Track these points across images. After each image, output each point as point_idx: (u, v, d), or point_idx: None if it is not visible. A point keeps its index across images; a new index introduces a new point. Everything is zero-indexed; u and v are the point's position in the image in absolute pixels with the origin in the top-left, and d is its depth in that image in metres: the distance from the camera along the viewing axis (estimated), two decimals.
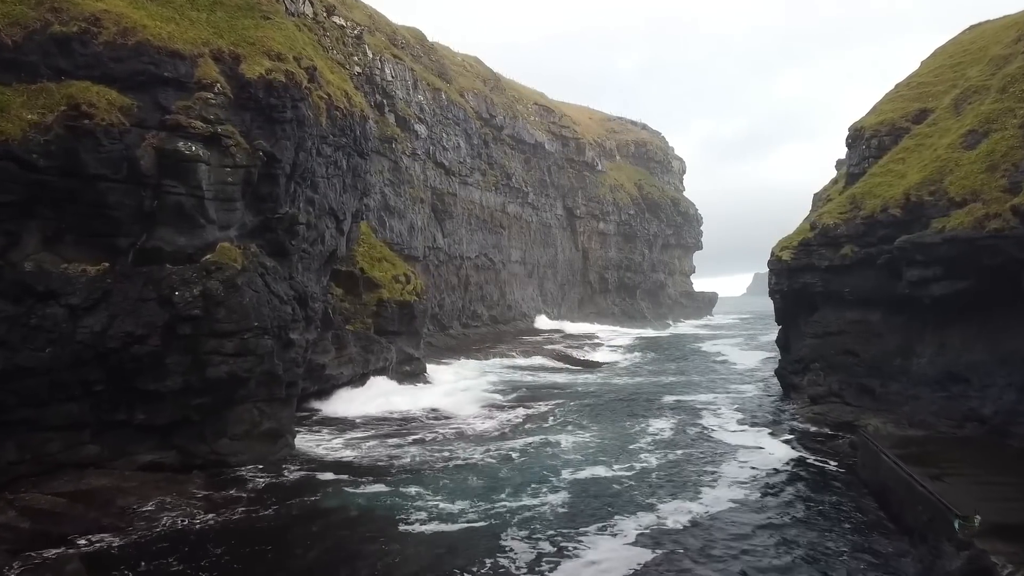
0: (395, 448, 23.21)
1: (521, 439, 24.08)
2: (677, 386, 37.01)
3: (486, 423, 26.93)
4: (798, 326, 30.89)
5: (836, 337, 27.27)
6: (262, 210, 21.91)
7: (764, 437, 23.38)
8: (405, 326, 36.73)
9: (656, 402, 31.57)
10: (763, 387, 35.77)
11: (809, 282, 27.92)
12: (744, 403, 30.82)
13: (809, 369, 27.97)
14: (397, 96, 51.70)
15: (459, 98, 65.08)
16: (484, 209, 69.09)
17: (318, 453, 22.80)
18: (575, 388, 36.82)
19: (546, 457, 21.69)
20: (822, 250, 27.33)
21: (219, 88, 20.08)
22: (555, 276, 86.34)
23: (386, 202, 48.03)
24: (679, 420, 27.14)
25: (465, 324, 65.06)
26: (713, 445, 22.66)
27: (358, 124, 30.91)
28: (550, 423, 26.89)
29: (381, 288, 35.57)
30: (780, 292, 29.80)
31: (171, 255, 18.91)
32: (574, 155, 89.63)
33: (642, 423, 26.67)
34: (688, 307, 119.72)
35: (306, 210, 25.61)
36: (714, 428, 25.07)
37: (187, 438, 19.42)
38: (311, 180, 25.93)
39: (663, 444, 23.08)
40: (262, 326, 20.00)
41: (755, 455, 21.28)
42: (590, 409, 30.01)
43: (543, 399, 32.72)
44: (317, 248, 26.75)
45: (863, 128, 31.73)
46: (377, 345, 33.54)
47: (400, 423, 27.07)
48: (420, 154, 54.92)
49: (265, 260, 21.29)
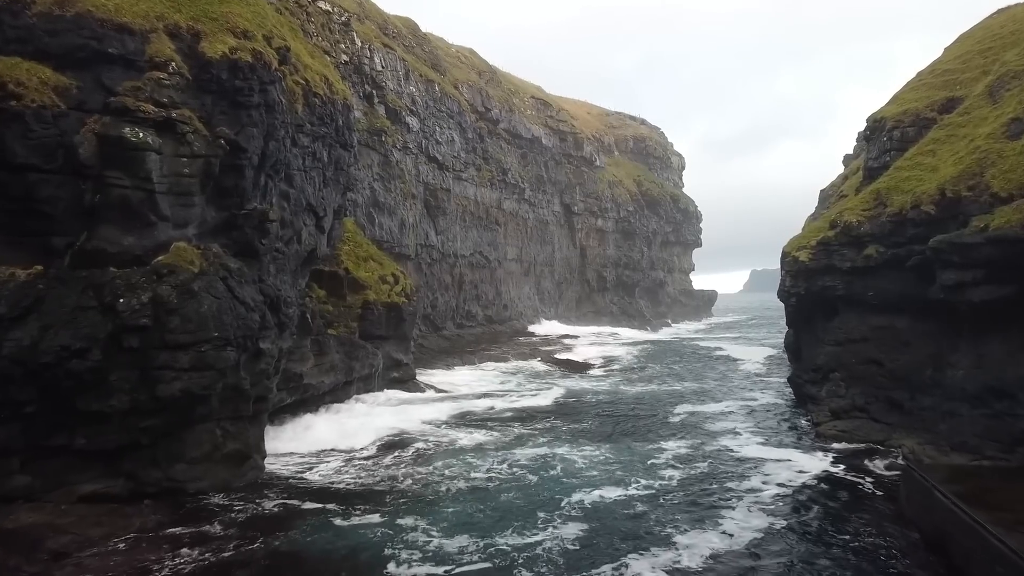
0: (384, 468, 20.98)
1: (527, 455, 21.91)
2: (685, 394, 34.81)
3: (486, 437, 24.61)
4: (814, 331, 28.69)
5: (858, 345, 25.08)
6: (226, 205, 19.61)
7: (786, 457, 21.15)
8: (393, 330, 34.44)
9: (665, 413, 29.33)
10: (775, 394, 33.55)
11: (829, 285, 25.71)
12: (758, 415, 28.57)
13: (828, 379, 25.76)
14: (387, 87, 49.33)
15: (453, 90, 62.72)
16: (479, 205, 66.77)
17: (293, 475, 20.57)
18: (578, 397, 34.59)
19: (554, 477, 19.56)
20: (844, 250, 25.12)
21: (175, 67, 17.76)
22: (552, 274, 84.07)
23: (375, 198, 45.68)
24: (691, 434, 24.92)
25: (459, 324, 62.79)
26: (731, 465, 20.44)
27: (340, 113, 28.61)
28: (555, 437, 24.61)
29: (367, 289, 33.27)
30: (796, 295, 27.58)
31: (116, 257, 16.59)
32: (572, 150, 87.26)
33: (653, 437, 24.44)
34: (687, 305, 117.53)
35: (280, 205, 23.32)
36: (730, 445, 22.83)
37: (138, 464, 17.14)
38: (286, 173, 23.64)
39: (677, 462, 20.86)
40: (223, 336, 17.72)
41: (778, 477, 19.07)
42: (597, 421, 27.74)
43: (544, 409, 30.48)
44: (293, 247, 24.46)
45: (884, 119, 29.52)
46: (362, 351, 31.26)
47: (388, 442, 24.79)
48: (412, 148, 52.57)
49: (229, 262, 18.99)
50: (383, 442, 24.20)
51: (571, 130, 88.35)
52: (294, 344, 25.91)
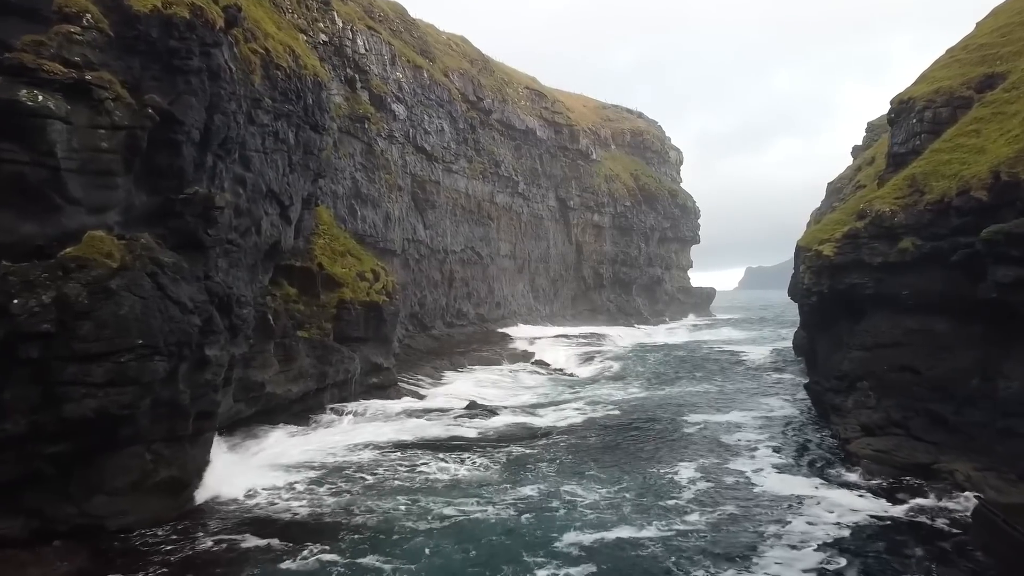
0: (348, 496, 18.05)
1: (516, 484, 18.87)
2: (695, 403, 31.94)
3: (469, 460, 21.47)
4: (836, 334, 25.85)
5: (890, 350, 22.23)
6: (161, 189, 16.63)
7: (817, 485, 18.26)
8: (372, 331, 31.48)
9: (675, 426, 26.30)
10: (790, 402, 30.63)
11: (857, 282, 22.85)
12: (776, 428, 25.59)
13: (855, 388, 22.92)
14: (371, 71, 46.27)
15: (443, 78, 59.66)
16: (470, 199, 63.77)
17: (242, 504, 17.64)
18: (575, 408, 31.66)
19: (550, 512, 16.61)
20: (874, 244, 22.27)
21: (90, 21, 14.76)
22: (547, 271, 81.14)
23: (357, 189, 42.65)
24: (705, 453, 21.98)
25: (450, 324, 59.83)
26: (754, 497, 17.50)
27: (310, 90, 25.65)
28: (550, 460, 21.45)
29: (343, 287, 30.30)
30: (818, 293, 24.69)
31: (10, 248, 13.59)
32: (567, 143, 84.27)
33: (663, 459, 21.40)
34: (686, 303, 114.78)
35: (233, 191, 20.36)
36: (750, 469, 19.90)
37: (44, 498, 14.20)
38: (241, 154, 20.69)
39: (694, 494, 17.78)
40: (150, 343, 14.76)
41: (810, 512, 16.19)
42: (597, 438, 24.62)
43: (536, 425, 27.50)
44: (251, 239, 21.51)
45: (913, 99, 26.67)
46: (337, 355, 28.31)
47: (357, 464, 21.84)
48: (398, 137, 49.52)
49: (162, 255, 16.00)
50: (351, 463, 21.19)
51: (567, 122, 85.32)
52: (254, 349, 22.99)
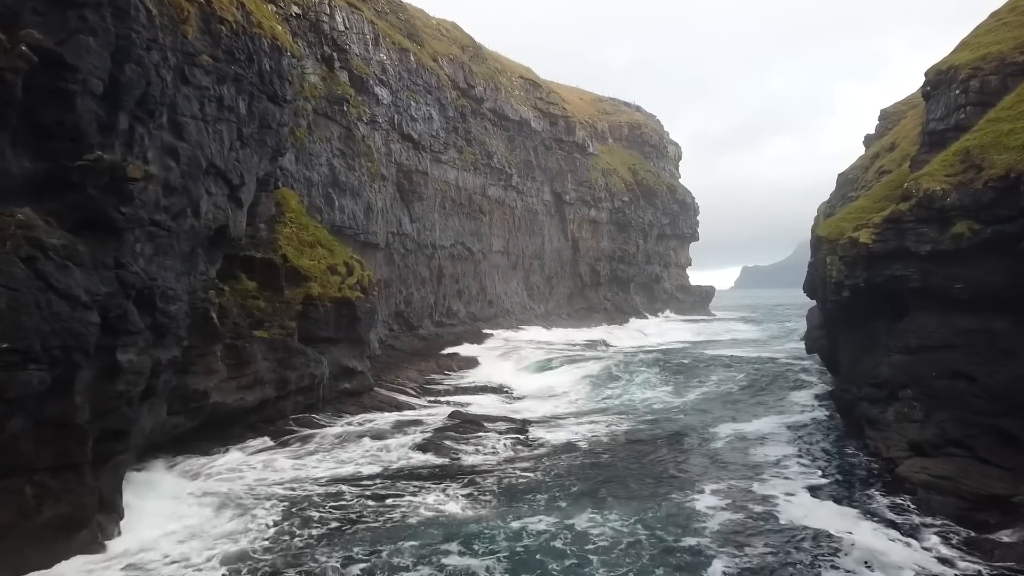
0: (310, 543, 14.69)
1: (517, 518, 15.51)
2: (709, 410, 28.69)
3: (460, 491, 17.82)
4: (870, 334, 22.61)
5: (939, 353, 18.98)
6: (49, 152, 13.25)
7: (863, 517, 15.00)
8: (344, 331, 28.14)
9: (690, 439, 22.95)
10: (812, 409, 27.31)
11: (900, 274, 19.58)
12: (804, 441, 22.16)
13: (897, 398, 19.68)
14: (351, 51, 42.89)
15: (432, 63, 56.30)
16: (461, 191, 60.43)
17: (159, 545, 14.33)
18: (583, 426, 28.39)
19: (560, 561, 13.33)
20: (922, 229, 19.00)
21: None
22: (542, 268, 77.82)
23: (335, 176, 39.28)
24: (728, 474, 18.65)
25: (439, 323, 56.51)
26: (789, 534, 14.23)
27: (267, 55, 22.30)
28: (549, 491, 17.74)
29: (310, 281, 26.97)
30: (851, 288, 21.40)
31: None
32: (563, 135, 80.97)
33: (682, 484, 17.99)
34: (685, 302, 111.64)
35: (161, 163, 16.99)
36: (780, 494, 16.62)
37: None
38: (171, 119, 17.32)
39: (717, 524, 14.64)
40: (21, 347, 11.43)
41: (863, 555, 12.97)
42: (607, 455, 21.34)
43: (531, 445, 24.13)
44: (186, 222, 18.11)
45: (954, 68, 23.42)
46: (300, 358, 24.98)
47: (320, 496, 18.48)
48: (382, 123, 46.15)
49: (46, 236, 12.64)
50: (312, 496, 17.66)
51: (562, 113, 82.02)
52: (194, 352, 19.64)
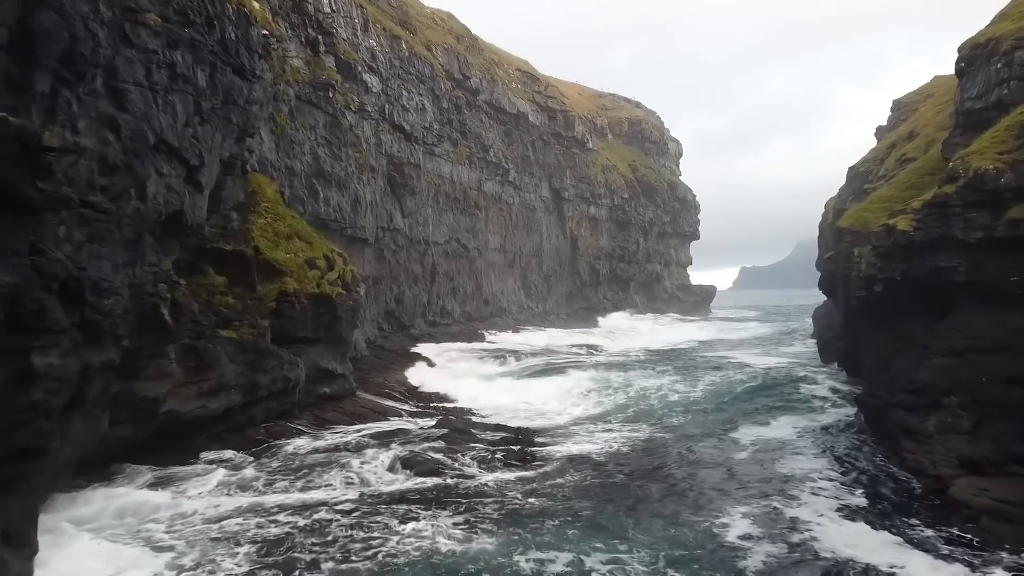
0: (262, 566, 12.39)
1: (523, 553, 13.10)
2: (710, 414, 26.36)
3: (452, 519, 15.12)
4: (905, 334, 20.31)
5: (991, 356, 16.70)
6: None
7: (910, 552, 12.71)
8: (323, 330, 25.80)
9: (711, 446, 20.70)
10: (831, 411, 24.99)
11: (944, 265, 17.31)
12: (831, 456, 19.70)
13: (939, 405, 17.39)
14: (338, 35, 40.52)
15: (425, 52, 53.98)
16: (455, 186, 58.13)
17: None
18: (586, 437, 26.06)
19: None
20: (971, 213, 16.73)
21: None
22: (540, 266, 75.50)
23: (319, 166, 36.96)
24: (755, 496, 16.37)
25: (432, 322, 54.22)
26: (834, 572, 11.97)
27: (232, 23, 19.98)
28: (556, 518, 15.00)
29: (286, 276, 24.63)
30: (886, 282, 19.09)
31: None
32: (562, 130, 78.63)
33: (709, 501, 15.84)
34: (685, 301, 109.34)
35: (97, 135, 14.64)
36: (814, 519, 14.33)
37: None
38: (109, 84, 14.99)
39: (752, 562, 12.34)
40: None
41: None
42: (616, 472, 18.83)
43: (537, 462, 21.84)
44: (129, 205, 15.74)
45: (996, 39, 21.15)
46: (273, 360, 22.63)
47: (287, 529, 16.06)
48: (371, 112, 43.82)
49: None
50: (280, 529, 14.71)
51: (561, 108, 79.67)
52: (143, 354, 17.33)
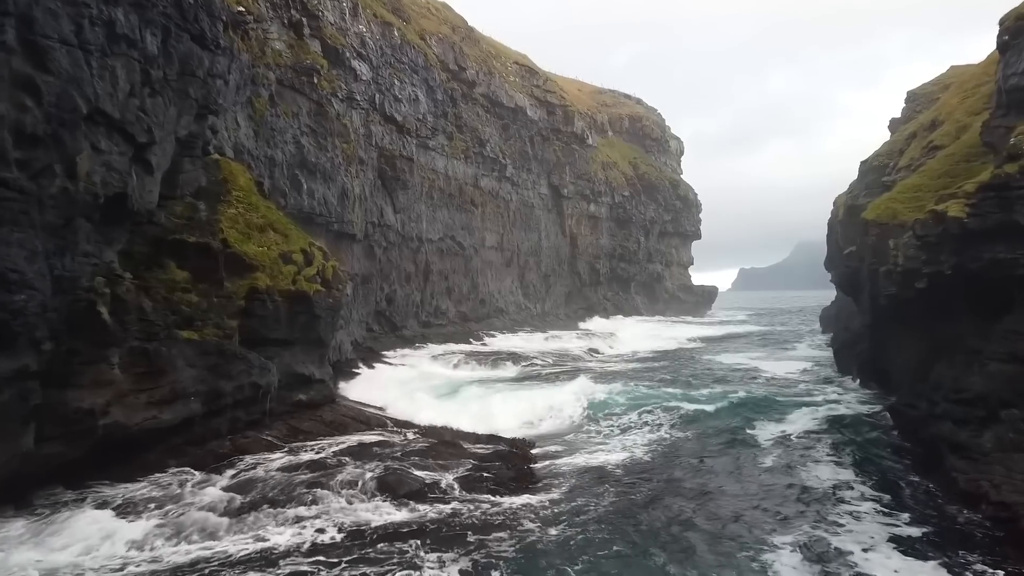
0: None
1: None
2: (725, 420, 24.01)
3: (455, 564, 12.99)
4: (951, 336, 17.98)
5: None
6: None
7: None
8: (299, 331, 23.41)
9: (723, 466, 18.42)
10: (859, 422, 22.62)
11: (1002, 257, 15.00)
12: (868, 475, 17.14)
13: (997, 419, 15.08)
14: (324, 18, 38.21)
15: (419, 40, 51.70)
16: (451, 181, 55.89)
17: None
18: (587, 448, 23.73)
19: None
20: None
21: None
22: (538, 265, 73.21)
23: (303, 156, 34.65)
24: (796, 527, 13.89)
25: (425, 323, 51.95)
26: None
27: None
28: (577, 556, 12.62)
29: (257, 271, 22.27)
30: (931, 276, 16.77)
31: None
32: (561, 125, 76.32)
33: (738, 539, 13.23)
34: (687, 302, 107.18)
35: (9, 98, 12.34)
36: (867, 555, 11.99)
37: None
38: (27, 39, 12.73)
39: None
40: None
41: None
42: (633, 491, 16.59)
43: (541, 480, 19.53)
44: (52, 184, 13.43)
45: None
46: (240, 364, 20.25)
47: None
48: (360, 101, 41.51)
49: None
50: None
51: (560, 103, 77.35)
52: (78, 359, 14.99)
